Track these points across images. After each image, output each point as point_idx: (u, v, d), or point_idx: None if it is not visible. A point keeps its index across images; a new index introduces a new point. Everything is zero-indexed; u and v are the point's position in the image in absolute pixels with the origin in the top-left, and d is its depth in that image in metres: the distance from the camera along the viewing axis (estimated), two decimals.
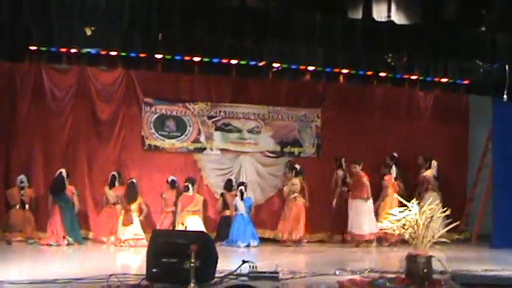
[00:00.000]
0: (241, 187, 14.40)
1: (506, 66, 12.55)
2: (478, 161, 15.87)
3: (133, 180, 14.05)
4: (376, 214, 14.24)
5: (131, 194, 13.91)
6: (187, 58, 12.22)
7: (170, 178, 14.44)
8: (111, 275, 8.57)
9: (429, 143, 14.32)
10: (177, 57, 12.16)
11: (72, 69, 14.36)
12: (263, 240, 14.10)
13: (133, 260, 12.09)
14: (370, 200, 14.22)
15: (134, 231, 13.68)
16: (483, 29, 11.42)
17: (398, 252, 12.25)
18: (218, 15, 10.53)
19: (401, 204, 9.53)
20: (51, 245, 13.14)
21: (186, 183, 14.38)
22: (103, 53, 11.90)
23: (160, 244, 8.60)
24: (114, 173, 14.27)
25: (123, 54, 12.02)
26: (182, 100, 15.14)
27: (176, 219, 14.02)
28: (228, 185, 14.61)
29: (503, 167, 14.43)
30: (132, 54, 12.03)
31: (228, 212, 14.36)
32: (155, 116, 14.98)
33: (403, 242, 12.48)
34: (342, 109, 15.54)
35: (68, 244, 13.33)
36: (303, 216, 14.01)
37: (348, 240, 14.26)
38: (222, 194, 14.73)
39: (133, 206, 13.86)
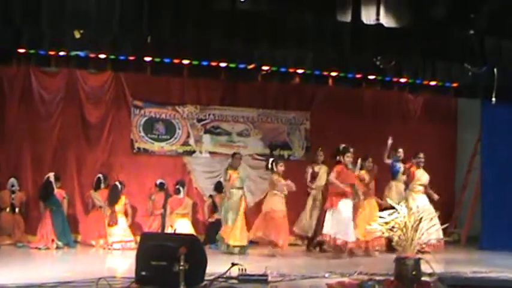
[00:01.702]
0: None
1: (495, 70, 12.60)
2: (466, 164, 15.93)
3: (117, 183, 14.00)
4: None
5: (113, 196, 13.86)
6: (176, 61, 12.21)
7: (159, 181, 14.44)
8: (100, 279, 8.57)
9: (418, 146, 14.33)
10: (166, 60, 12.15)
11: (61, 72, 14.34)
12: (253, 243, 14.08)
13: (122, 263, 12.07)
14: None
15: (121, 232, 13.65)
16: (472, 32, 11.46)
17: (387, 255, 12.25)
18: (208, 18, 10.53)
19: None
20: (40, 249, 13.11)
21: (177, 186, 14.37)
22: (92, 55, 11.87)
23: (150, 247, 8.60)
24: (100, 175, 14.25)
25: (112, 57, 12.00)
26: (171, 103, 15.15)
27: (165, 222, 14.01)
28: (218, 187, 14.59)
29: (491, 170, 14.48)
30: (121, 57, 12.00)
31: (217, 215, 14.34)
32: (144, 119, 14.98)
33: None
34: (331, 112, 15.57)
35: (57, 247, 13.30)
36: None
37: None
38: (210, 196, 14.74)
39: (118, 207, 13.82)
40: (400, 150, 14.02)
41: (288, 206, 12.90)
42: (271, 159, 13.12)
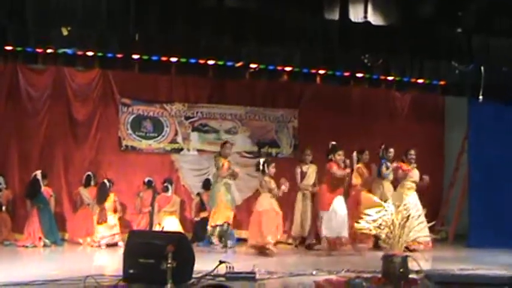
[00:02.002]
0: None
1: (482, 68, 12.64)
2: (454, 162, 15.96)
3: (105, 181, 13.97)
4: None
5: (101, 194, 13.82)
6: (164, 58, 12.18)
7: (146, 179, 14.43)
8: (87, 276, 8.55)
9: (406, 144, 14.35)
10: (154, 58, 12.13)
11: (48, 69, 14.30)
12: (240, 241, 14.08)
13: (110, 261, 12.06)
14: None
15: (110, 230, 13.62)
16: (459, 30, 11.50)
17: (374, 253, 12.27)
18: (195, 15, 10.53)
19: None
20: (27, 247, 13.07)
21: (165, 184, 14.37)
22: (79, 53, 11.83)
23: (137, 245, 8.60)
24: (89, 173, 14.23)
25: (99, 54, 11.97)
26: (159, 101, 15.14)
27: (153, 220, 13.99)
28: (206, 184, 14.56)
29: (478, 168, 14.52)
30: (109, 55, 11.97)
31: (205, 213, 14.33)
32: (132, 116, 14.96)
33: None
34: (319, 110, 15.57)
35: (44, 245, 13.27)
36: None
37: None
38: (198, 194, 14.74)
39: (108, 205, 13.79)
40: (391, 150, 13.98)
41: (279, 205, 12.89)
42: (262, 160, 13.01)
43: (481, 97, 13.02)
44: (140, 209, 14.31)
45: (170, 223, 13.79)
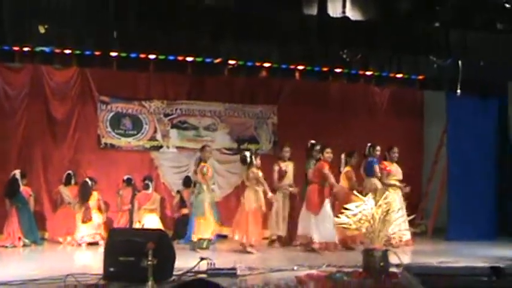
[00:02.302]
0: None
1: (459, 62, 12.72)
2: (433, 156, 16.04)
3: (87, 179, 13.92)
4: None
5: (84, 193, 13.77)
6: (142, 56, 12.15)
7: (126, 176, 14.38)
8: (68, 275, 8.52)
9: (385, 139, 14.40)
10: (133, 55, 12.09)
11: (25, 67, 14.20)
12: (220, 238, 14.07)
13: (90, 259, 12.01)
14: None
15: (94, 229, 13.57)
16: (437, 24, 11.56)
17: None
18: (174, 12, 10.52)
19: None
20: (6, 247, 12.99)
21: (146, 181, 14.34)
22: (57, 51, 11.77)
23: (118, 243, 8.59)
24: (70, 171, 14.17)
25: (77, 52, 11.91)
26: (138, 98, 15.10)
27: (133, 218, 13.95)
28: (187, 182, 14.55)
29: (457, 161, 14.58)
30: (87, 52, 11.92)
31: (185, 210, 14.32)
32: (111, 114, 14.90)
33: None
34: (298, 105, 15.58)
35: (24, 245, 13.20)
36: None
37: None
38: (178, 192, 14.72)
39: (92, 203, 13.75)
40: (378, 148, 13.71)
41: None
42: (248, 152, 12.88)
43: (459, 91, 13.11)
44: (120, 207, 14.27)
45: (150, 221, 13.79)
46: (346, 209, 9.18)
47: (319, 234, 12.38)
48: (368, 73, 13.53)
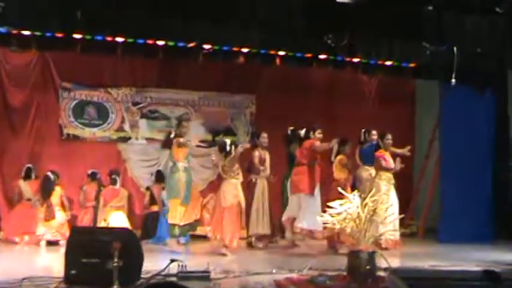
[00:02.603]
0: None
1: (455, 48, 12.76)
2: (424, 150, 16.10)
3: (49, 173, 13.85)
4: None
5: (46, 188, 13.70)
6: (109, 39, 12.14)
7: (90, 170, 14.33)
8: (24, 279, 8.48)
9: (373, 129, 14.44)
10: (98, 38, 12.07)
11: None
12: (193, 238, 14.06)
13: (50, 261, 11.94)
14: None
15: (58, 228, 13.52)
16: (430, 7, 11.59)
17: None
18: None
19: None
20: None
21: (113, 176, 14.31)
22: (14, 32, 11.71)
23: (80, 242, 8.55)
24: (30, 165, 14.09)
25: (37, 34, 11.85)
26: (104, 85, 15.06)
27: (98, 216, 13.92)
28: (158, 176, 14.54)
29: (450, 156, 14.59)
30: (48, 34, 11.87)
31: (155, 207, 14.31)
32: (74, 102, 14.86)
33: None
34: (278, 94, 15.61)
35: None
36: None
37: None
38: (148, 188, 14.70)
39: (54, 200, 13.70)
40: (374, 132, 13.57)
41: None
42: (228, 141, 12.79)
43: (453, 80, 13.16)
44: (84, 204, 14.22)
45: (117, 218, 13.76)
46: (329, 207, 9.19)
47: (306, 220, 12.24)
48: (355, 60, 13.61)
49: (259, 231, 13.15)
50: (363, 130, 13.68)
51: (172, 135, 12.53)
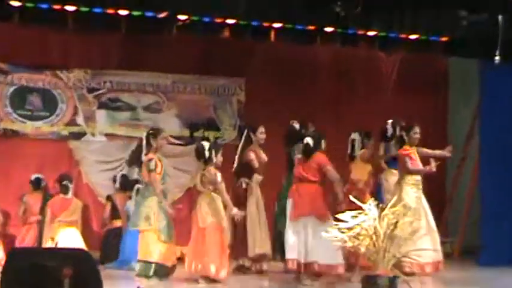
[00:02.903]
0: (138, 186, 14.27)
1: (499, 17, 12.76)
2: (460, 148, 16.11)
3: None
4: None
5: None
6: (57, 7, 12.12)
7: (34, 176, 14.31)
8: None
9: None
10: (43, 5, 12.05)
11: None
12: None
13: None
14: None
15: None
16: None
17: None
18: None
19: None
20: None
21: (63, 182, 14.24)
22: None
23: (20, 268, 8.54)
24: None
25: None
26: (51, 66, 15.03)
27: (43, 233, 13.90)
28: (123, 183, 14.55)
29: (494, 156, 14.57)
30: None
31: (118, 222, 14.31)
32: (12, 89, 14.84)
33: None
34: (274, 78, 15.66)
35: None
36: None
37: None
38: (109, 198, 14.68)
39: None
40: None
41: None
42: (207, 145, 12.74)
43: (497, 58, 13.16)
44: (25, 219, 14.20)
45: (68, 237, 13.72)
46: (338, 220, 9.19)
47: (325, 253, 11.65)
48: (370, 33, 13.58)
49: (257, 250, 12.98)
50: (390, 121, 13.52)
51: (144, 151, 12.24)
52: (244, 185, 13.06)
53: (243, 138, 13.21)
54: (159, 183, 12.11)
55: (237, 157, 13.08)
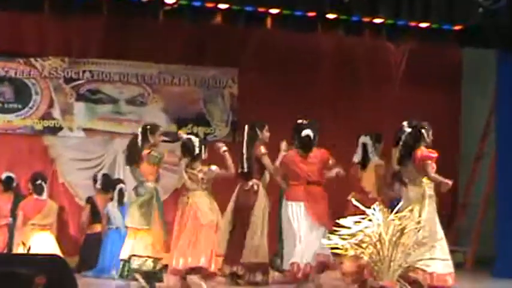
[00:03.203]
0: (120, 186, 14.27)
1: None
2: (474, 148, 16.13)
3: None
4: None
5: None
6: None
7: (4, 174, 14.32)
8: None
9: (402, 120, 14.44)
10: None
11: None
12: None
13: None
14: None
15: None
16: None
17: None
18: None
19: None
20: None
21: (37, 182, 14.21)
22: None
23: None
24: None
25: None
26: (24, 53, 15.07)
27: (14, 238, 13.90)
28: (105, 183, 14.54)
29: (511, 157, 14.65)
30: None
31: (98, 227, 14.31)
32: None
33: None
34: (270, 69, 15.72)
35: None
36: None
37: None
38: (89, 199, 14.67)
39: None
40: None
41: None
42: (196, 140, 12.74)
43: None
44: None
45: (42, 242, 13.72)
46: (339, 226, 9.20)
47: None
48: (377, 21, 13.59)
49: (253, 259, 12.90)
50: (405, 124, 13.48)
51: (139, 144, 12.29)
52: (255, 187, 13.08)
53: (246, 136, 13.18)
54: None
55: (244, 157, 13.04)
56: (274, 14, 13.29)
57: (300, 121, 12.61)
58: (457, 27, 14.06)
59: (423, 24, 13.69)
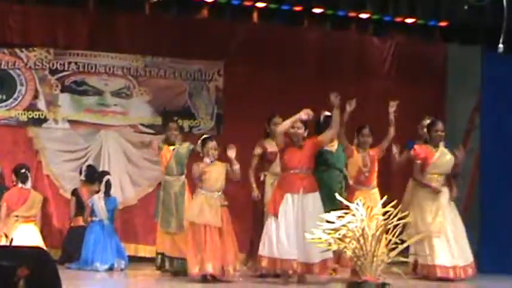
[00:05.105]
0: (107, 178, 14.23)
1: (504, 1, 12.78)
2: (458, 144, 16.13)
3: None
4: None
5: None
6: None
7: None
8: None
9: (387, 114, 14.44)
10: None
11: None
12: (134, 260, 14.05)
13: None
14: None
15: None
16: None
17: None
18: None
19: None
20: None
21: (22, 171, 14.18)
22: None
23: None
24: None
25: None
26: (9, 44, 15.00)
27: None
28: (90, 174, 14.55)
29: (496, 152, 14.66)
30: None
31: (81, 220, 14.27)
32: None
33: None
34: (255, 62, 15.69)
35: None
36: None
37: None
38: (75, 191, 14.64)
39: None
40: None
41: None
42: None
43: (501, 46, 13.16)
44: None
45: (25, 234, 13.68)
46: (323, 220, 9.19)
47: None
48: (363, 16, 13.58)
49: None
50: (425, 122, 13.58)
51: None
52: (262, 177, 13.11)
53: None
54: None
55: (258, 149, 13.17)
56: (261, 7, 13.28)
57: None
58: (442, 24, 14.08)
59: (409, 20, 13.70)
